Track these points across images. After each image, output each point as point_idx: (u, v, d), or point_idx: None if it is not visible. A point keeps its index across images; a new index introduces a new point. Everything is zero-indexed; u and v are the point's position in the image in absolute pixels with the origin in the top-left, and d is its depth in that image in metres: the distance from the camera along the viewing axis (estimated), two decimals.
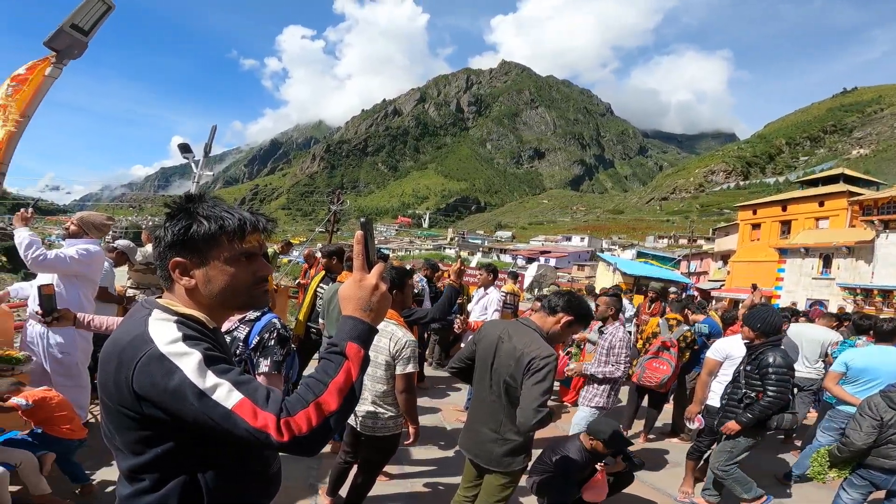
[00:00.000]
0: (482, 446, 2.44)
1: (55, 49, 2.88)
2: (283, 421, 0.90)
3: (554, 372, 2.22)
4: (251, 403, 0.91)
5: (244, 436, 0.91)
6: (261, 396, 0.93)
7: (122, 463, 1.08)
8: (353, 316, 1.04)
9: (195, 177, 10.18)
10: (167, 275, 1.12)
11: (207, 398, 0.92)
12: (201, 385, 0.93)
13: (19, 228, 3.27)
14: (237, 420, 0.90)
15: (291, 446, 0.90)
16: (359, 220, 1.13)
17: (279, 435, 0.89)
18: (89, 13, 2.91)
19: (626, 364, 3.88)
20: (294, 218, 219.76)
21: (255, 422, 0.90)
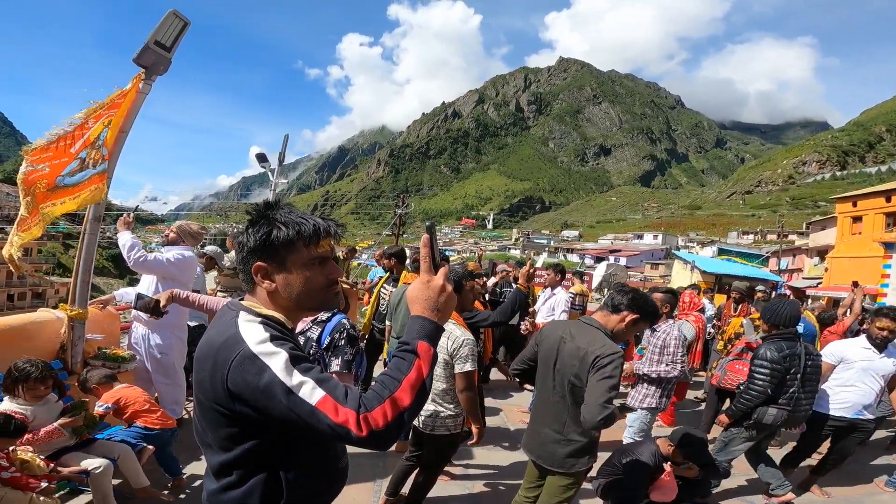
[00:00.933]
0: (545, 447, 2.42)
1: (143, 65, 3.13)
2: (361, 416, 0.94)
3: (620, 369, 2.17)
4: (332, 400, 0.97)
5: (326, 431, 0.96)
6: (340, 393, 0.98)
7: (212, 459, 1.16)
8: (422, 316, 1.08)
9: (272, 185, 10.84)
10: (250, 278, 1.19)
11: (294, 395, 0.97)
12: (288, 383, 0.98)
13: (123, 232, 3.60)
14: (320, 416, 0.96)
15: (369, 440, 0.94)
16: (424, 225, 1.18)
17: (358, 430, 0.94)
18: (169, 29, 3.15)
19: (682, 363, 3.70)
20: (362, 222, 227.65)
21: (337, 417, 0.95)
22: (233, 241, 1.34)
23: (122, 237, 3.57)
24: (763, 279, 14.74)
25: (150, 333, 3.83)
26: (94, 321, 3.54)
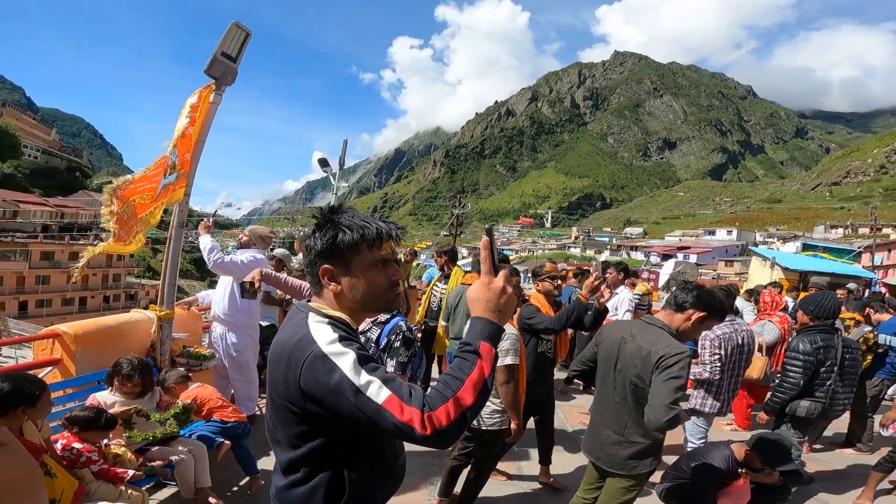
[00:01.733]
0: (605, 449, 2.38)
1: (213, 76, 3.34)
2: (426, 415, 0.97)
3: (687, 369, 2.09)
4: (398, 399, 1.00)
5: (391, 429, 0.99)
6: (405, 393, 1.01)
7: (281, 456, 1.21)
8: (483, 317, 1.10)
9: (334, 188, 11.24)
10: (317, 280, 1.24)
11: (362, 394, 1.01)
12: (357, 382, 1.02)
13: (203, 236, 3.86)
14: (386, 414, 0.99)
15: (432, 439, 0.97)
16: (483, 228, 1.21)
17: (423, 428, 0.97)
18: (233, 40, 3.35)
19: (715, 365, 3.47)
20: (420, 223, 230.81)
21: (402, 416, 0.98)
22: (300, 244, 1.39)
23: (203, 240, 3.84)
24: (855, 276, 13.38)
25: (227, 332, 4.08)
26: (180, 321, 3.84)
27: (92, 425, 2.41)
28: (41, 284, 38.04)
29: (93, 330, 3.30)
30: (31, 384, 2.08)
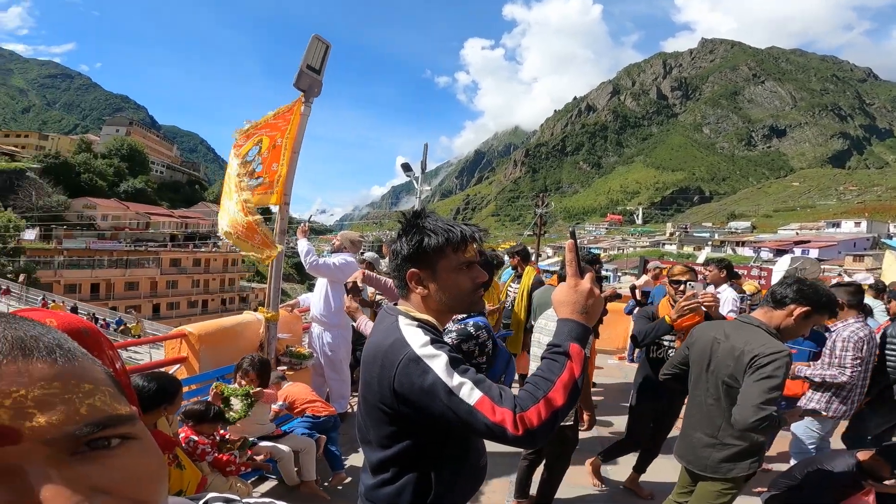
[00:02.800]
0: (696, 452, 2.30)
1: (301, 89, 3.55)
2: (518, 416, 0.99)
3: (784, 370, 1.98)
4: (489, 400, 1.02)
5: (482, 429, 1.02)
6: (496, 394, 1.03)
7: (371, 455, 1.25)
8: (571, 318, 1.12)
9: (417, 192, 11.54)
10: (404, 284, 1.26)
11: (455, 395, 1.03)
12: (449, 383, 1.04)
13: (301, 240, 4.12)
14: (478, 415, 1.01)
15: (524, 439, 0.99)
16: (568, 230, 1.22)
17: (515, 429, 0.98)
18: (315, 53, 3.53)
19: (855, 369, 3.11)
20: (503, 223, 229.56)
21: (494, 417, 1.00)
22: (387, 248, 1.41)
23: (300, 244, 4.10)
24: None
25: (323, 332, 4.32)
26: (283, 322, 4.14)
27: (203, 418, 2.58)
28: (170, 289, 43.11)
29: (213, 330, 3.66)
30: (171, 383, 2.28)
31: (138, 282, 40.62)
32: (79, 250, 39.41)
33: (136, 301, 39.04)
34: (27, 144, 66.07)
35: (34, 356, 0.36)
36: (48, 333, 0.38)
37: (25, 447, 0.33)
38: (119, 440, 0.37)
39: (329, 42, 3.60)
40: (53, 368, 0.36)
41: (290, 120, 3.57)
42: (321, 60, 3.58)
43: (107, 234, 48.61)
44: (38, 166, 54.71)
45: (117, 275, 39.19)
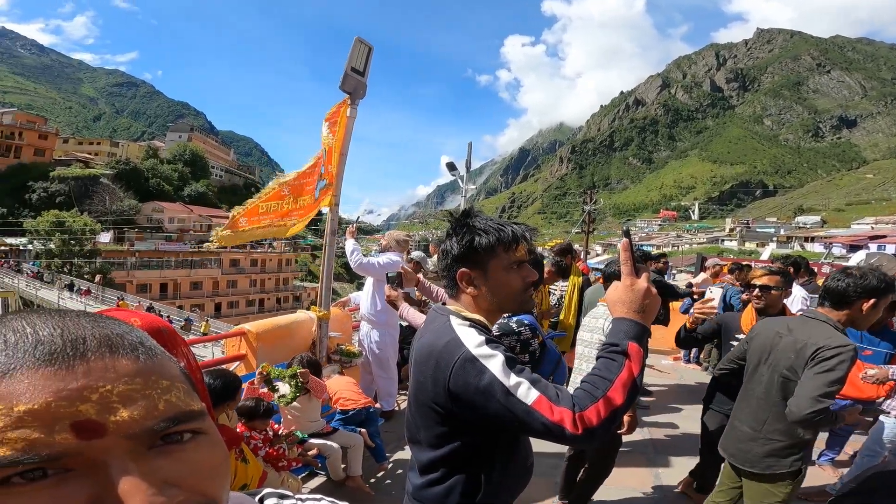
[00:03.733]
0: (738, 445, 2.26)
1: (347, 91, 3.61)
2: (577, 415, 0.99)
3: (847, 365, 1.90)
4: (547, 400, 1.02)
5: (539, 429, 1.02)
6: (553, 394, 1.03)
7: (420, 455, 1.25)
8: (628, 318, 1.11)
9: (462, 191, 11.51)
10: (453, 283, 1.26)
11: (512, 395, 1.03)
12: (506, 383, 1.05)
13: (348, 240, 4.22)
14: (536, 415, 1.01)
15: (583, 438, 0.99)
16: (621, 229, 1.20)
17: (574, 428, 0.98)
18: (359, 55, 3.58)
19: None
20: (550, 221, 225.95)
21: (552, 416, 1.00)
22: (435, 247, 1.39)
23: (347, 244, 4.20)
24: None
25: (371, 330, 4.41)
26: (334, 320, 4.24)
27: (255, 415, 2.66)
28: (230, 288, 45.42)
29: (269, 328, 3.80)
30: (234, 380, 2.39)
31: (202, 281, 43.00)
32: (149, 252, 42.29)
33: (200, 300, 41.29)
34: (100, 151, 71.36)
35: (119, 353, 0.38)
36: (131, 332, 0.40)
37: (109, 441, 0.35)
38: (190, 435, 0.39)
39: (371, 44, 3.65)
40: (136, 365, 0.38)
41: (338, 122, 3.65)
42: (364, 63, 3.63)
43: (173, 236, 51.89)
44: (111, 172, 59.28)
45: (183, 275, 41.64)
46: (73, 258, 36.10)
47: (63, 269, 34.71)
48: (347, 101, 3.64)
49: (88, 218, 41.74)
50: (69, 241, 36.18)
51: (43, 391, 0.34)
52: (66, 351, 0.36)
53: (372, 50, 3.66)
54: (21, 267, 34.76)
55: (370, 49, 3.64)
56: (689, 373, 6.82)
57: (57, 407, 0.34)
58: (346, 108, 3.64)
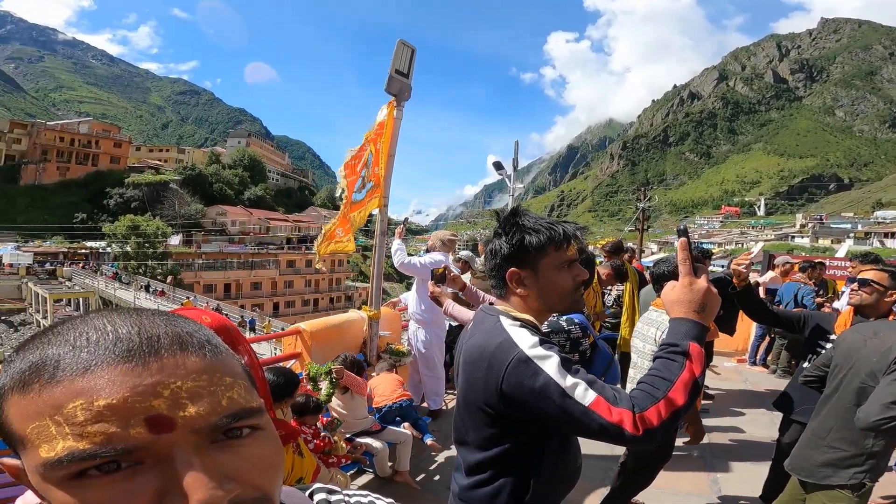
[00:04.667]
0: (800, 451, 2.17)
1: (392, 93, 3.65)
2: (637, 416, 0.98)
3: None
4: (605, 401, 1.01)
5: (596, 430, 1.01)
6: (610, 394, 1.02)
7: (468, 457, 1.24)
8: (687, 318, 1.09)
9: (510, 190, 11.40)
10: (502, 283, 1.24)
11: (569, 397, 1.02)
12: (562, 384, 1.03)
13: (395, 240, 4.28)
14: (594, 416, 1.00)
15: (643, 439, 0.98)
16: (678, 228, 1.18)
17: (634, 429, 0.97)
18: (402, 57, 3.60)
19: None
20: (601, 219, 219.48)
21: (611, 417, 0.99)
22: (483, 246, 1.38)
23: (393, 244, 4.27)
24: None
25: (418, 330, 4.46)
26: (384, 320, 4.32)
27: (305, 410, 2.72)
28: (287, 288, 47.35)
29: (323, 328, 3.93)
30: (293, 377, 2.49)
31: (262, 282, 45.13)
32: (213, 253, 44.88)
33: (260, 300, 43.33)
34: (168, 158, 76.36)
35: (188, 350, 0.40)
36: (200, 330, 0.43)
37: (177, 436, 0.37)
38: (249, 430, 0.40)
39: (414, 46, 3.68)
40: (203, 362, 0.40)
41: (385, 124, 3.71)
42: (408, 64, 3.66)
43: (235, 238, 54.77)
44: (179, 178, 63.33)
45: (244, 275, 43.91)
46: (147, 260, 38.94)
47: (138, 271, 37.52)
48: (393, 104, 3.69)
49: (160, 222, 44.81)
50: (143, 244, 39.08)
51: (120, 387, 0.36)
52: (142, 348, 0.38)
53: (415, 52, 3.69)
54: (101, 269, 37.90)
55: (413, 51, 3.68)
56: (754, 376, 6.42)
57: (132, 402, 0.36)
58: (393, 110, 3.69)
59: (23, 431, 0.37)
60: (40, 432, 0.36)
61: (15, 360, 0.40)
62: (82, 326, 0.40)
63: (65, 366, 0.37)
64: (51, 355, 0.38)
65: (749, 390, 5.77)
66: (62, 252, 43.26)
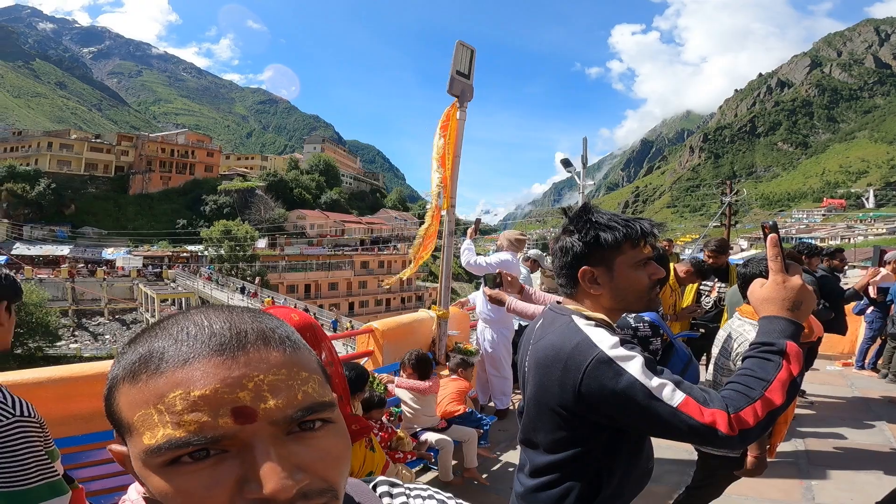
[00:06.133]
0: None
1: (455, 95, 3.66)
2: (733, 416, 0.95)
3: None
4: (695, 402, 0.98)
5: (685, 431, 0.98)
6: (699, 395, 1.00)
7: (535, 458, 1.22)
8: (781, 316, 1.06)
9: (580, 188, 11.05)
10: (573, 282, 1.21)
11: (655, 398, 1.00)
12: (649, 385, 1.01)
13: (466, 240, 4.33)
14: (683, 417, 0.98)
15: (737, 440, 0.95)
16: (768, 224, 1.13)
17: (729, 430, 0.95)
18: (462, 58, 3.59)
19: None
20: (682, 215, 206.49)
21: (703, 418, 0.96)
22: (553, 245, 1.33)
23: (463, 243, 4.31)
24: None
25: (485, 329, 4.47)
26: (453, 319, 4.37)
27: (372, 405, 2.82)
28: (361, 288, 49.28)
29: (393, 326, 4.04)
30: (364, 373, 2.63)
31: (338, 282, 47.36)
32: (295, 256, 47.78)
33: (337, 300, 45.50)
34: (253, 166, 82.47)
35: (271, 345, 0.43)
36: (281, 326, 0.45)
37: (258, 426, 0.39)
38: (321, 423, 0.43)
39: (473, 47, 3.67)
40: (283, 357, 0.42)
41: (449, 126, 3.73)
42: (469, 65, 3.67)
43: (314, 240, 57.91)
44: (263, 184, 68.07)
45: (322, 276, 46.38)
46: (238, 262, 42.30)
47: (231, 273, 40.87)
48: (456, 105, 3.70)
49: (248, 226, 48.46)
50: (234, 247, 42.50)
51: (213, 378, 0.39)
52: (232, 342, 0.41)
53: (474, 52, 3.69)
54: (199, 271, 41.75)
55: (472, 51, 3.68)
56: (862, 380, 5.81)
57: (222, 393, 0.39)
58: (456, 111, 3.71)
59: (130, 419, 0.41)
60: (145, 420, 0.39)
61: (126, 352, 0.43)
62: (183, 322, 0.43)
63: (168, 358, 0.40)
64: (157, 348, 0.41)
65: (857, 396, 5.23)
66: (167, 255, 48.25)
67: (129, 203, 62.38)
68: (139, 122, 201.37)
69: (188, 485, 0.38)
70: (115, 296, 38.53)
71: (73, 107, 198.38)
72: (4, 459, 1.07)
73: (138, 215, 61.23)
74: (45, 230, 51.20)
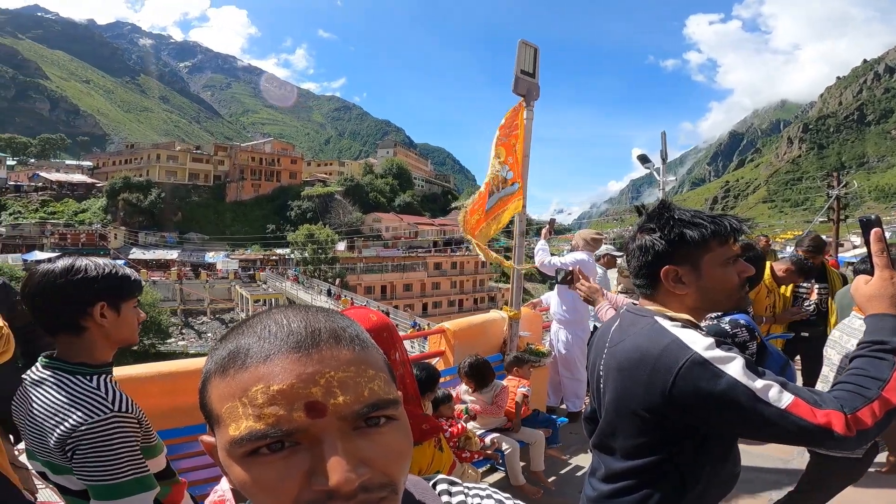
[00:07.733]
0: None
1: (520, 94, 3.59)
2: (850, 416, 0.92)
3: None
4: (805, 403, 0.95)
5: (794, 432, 0.95)
6: (808, 395, 0.96)
7: (611, 464, 1.18)
8: (891, 313, 1.00)
9: (660, 184, 10.44)
10: (653, 282, 1.17)
11: (760, 400, 0.96)
12: (752, 387, 0.97)
13: (540, 240, 4.29)
14: (793, 419, 0.94)
15: (854, 440, 0.92)
16: (869, 219, 1.10)
17: (847, 430, 0.91)
18: (526, 58, 3.51)
19: None
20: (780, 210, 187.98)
21: (815, 419, 0.93)
22: (629, 244, 1.31)
23: (538, 243, 4.27)
24: None
25: (559, 330, 4.39)
26: (525, 320, 4.31)
27: (439, 402, 2.84)
28: (434, 289, 50.09)
29: (465, 327, 4.08)
30: (435, 373, 2.69)
31: (412, 283, 48.53)
32: (372, 258, 49.70)
33: (411, 300, 46.58)
34: (332, 171, 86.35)
35: (342, 344, 0.45)
36: (351, 326, 0.48)
37: (327, 421, 0.42)
38: (385, 420, 0.45)
39: (536, 45, 3.60)
40: (352, 355, 0.45)
41: (517, 126, 3.69)
42: (533, 64, 3.60)
43: (389, 243, 59.89)
44: (342, 189, 71.58)
45: (397, 278, 47.76)
46: (321, 265, 44.84)
47: (314, 275, 43.43)
48: (522, 104, 3.66)
49: (329, 230, 51.23)
50: (317, 250, 45.13)
51: (290, 374, 0.42)
52: (307, 340, 0.44)
53: (538, 50, 3.62)
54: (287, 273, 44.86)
55: (536, 49, 3.62)
56: None
57: (297, 388, 0.42)
58: (523, 111, 3.66)
59: (219, 411, 0.44)
60: (231, 412, 0.43)
61: (218, 348, 0.47)
62: (266, 320, 0.46)
63: (252, 353, 0.44)
64: (243, 344, 0.45)
65: None
66: (259, 259, 52.27)
67: (226, 210, 68.29)
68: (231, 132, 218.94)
69: (264, 475, 0.41)
70: (216, 296, 42.48)
71: (175, 119, 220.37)
72: (100, 453, 1.09)
73: (234, 221, 66.82)
74: (157, 236, 57.54)
